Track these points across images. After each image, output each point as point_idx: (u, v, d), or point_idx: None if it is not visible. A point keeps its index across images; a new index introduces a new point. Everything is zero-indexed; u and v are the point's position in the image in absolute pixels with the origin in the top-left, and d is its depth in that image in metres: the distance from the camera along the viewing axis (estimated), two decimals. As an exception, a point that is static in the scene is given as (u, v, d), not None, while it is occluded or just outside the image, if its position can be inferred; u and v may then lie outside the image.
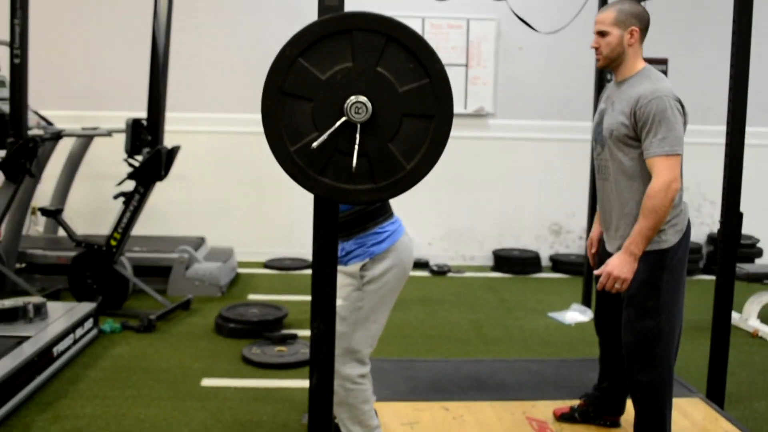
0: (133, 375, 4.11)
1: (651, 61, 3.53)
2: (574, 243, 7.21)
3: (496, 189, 7.08)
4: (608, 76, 4.92)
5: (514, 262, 6.87)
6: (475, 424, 3.36)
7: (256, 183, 6.91)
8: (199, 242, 6.30)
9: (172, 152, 5.14)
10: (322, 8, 2.06)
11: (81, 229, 6.29)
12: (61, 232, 6.18)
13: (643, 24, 2.88)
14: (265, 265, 6.82)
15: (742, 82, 3.49)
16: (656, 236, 2.80)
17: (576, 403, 3.42)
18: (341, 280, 2.80)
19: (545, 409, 3.52)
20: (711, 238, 6.99)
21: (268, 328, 4.78)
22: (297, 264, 6.80)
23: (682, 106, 2.77)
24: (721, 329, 3.61)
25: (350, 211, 2.72)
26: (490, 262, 7.10)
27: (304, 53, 1.79)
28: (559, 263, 6.96)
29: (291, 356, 4.37)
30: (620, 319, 3.03)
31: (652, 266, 2.81)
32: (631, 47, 2.87)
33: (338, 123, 1.78)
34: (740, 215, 3.56)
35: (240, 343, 4.62)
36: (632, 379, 2.91)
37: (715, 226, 6.96)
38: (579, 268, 6.72)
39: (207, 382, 4.04)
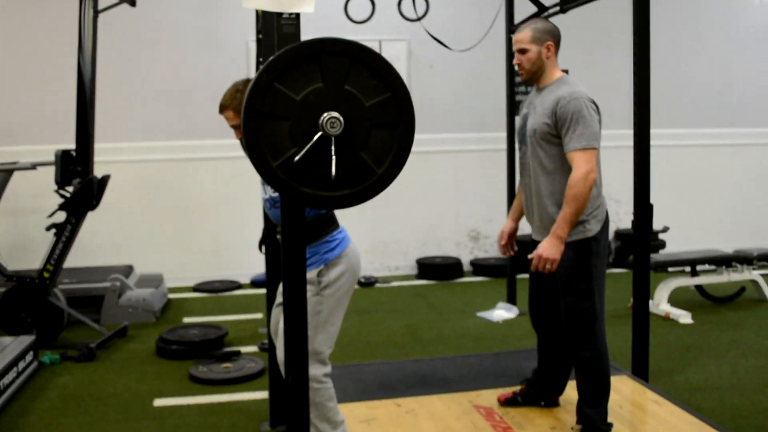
0: (82, 402, 4.14)
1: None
2: (492, 247, 7.57)
3: (416, 201, 7.36)
4: (524, 88, 5.31)
5: (438, 269, 7.17)
6: (427, 416, 3.58)
7: (181, 209, 6.98)
8: (127, 270, 6.31)
9: (103, 181, 5.18)
10: (282, 35, 2.27)
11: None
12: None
13: (556, 39, 3.22)
14: (194, 289, 6.87)
15: (644, 89, 3.88)
16: (581, 227, 3.11)
17: (518, 388, 3.70)
18: (298, 288, 2.98)
19: (489, 396, 3.78)
20: (618, 234, 7.47)
21: (210, 347, 4.88)
22: (226, 286, 6.88)
23: (597, 107, 3.11)
24: (641, 311, 3.97)
25: None
26: (414, 270, 7.38)
27: (279, 78, 1.98)
28: (479, 267, 7.31)
29: (238, 371, 4.48)
30: (551, 309, 3.37)
31: (582, 253, 3.12)
32: (548, 60, 3.20)
33: (315, 137, 1.98)
34: (650, 207, 3.94)
35: (184, 364, 4.70)
36: (575, 355, 3.21)
37: (621, 224, 7.45)
38: (499, 271, 7.11)
39: (159, 402, 4.11)
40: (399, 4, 5.60)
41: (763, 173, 8.08)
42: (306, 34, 2.71)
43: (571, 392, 3.53)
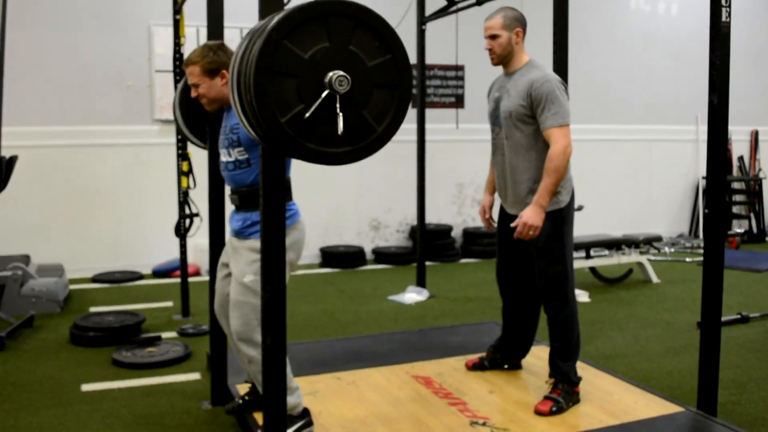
0: (3, 390, 3.95)
1: (449, 68, 3.95)
2: (392, 236, 7.76)
3: (318, 191, 7.42)
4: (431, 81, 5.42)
5: (342, 257, 7.28)
6: (369, 387, 3.69)
7: (77, 197, 6.74)
8: (25, 260, 6.03)
9: (11, 162, 4.93)
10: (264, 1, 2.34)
11: None
12: None
13: (524, 25, 3.44)
14: (94, 280, 6.64)
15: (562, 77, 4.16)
16: (555, 198, 3.33)
17: (483, 354, 3.93)
18: (250, 256, 3.01)
19: (424, 367, 3.94)
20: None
21: (129, 333, 4.77)
22: (127, 276, 6.69)
23: (565, 87, 3.35)
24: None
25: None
26: (317, 259, 7.45)
27: (287, 36, 2.04)
28: (381, 255, 7.48)
29: (163, 355, 4.41)
30: (519, 275, 3.62)
31: (555, 222, 3.34)
32: (517, 45, 3.41)
33: (324, 94, 2.05)
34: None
35: (102, 350, 4.58)
36: (550, 315, 3.44)
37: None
38: (400, 258, 7.35)
39: (87, 387, 3.99)
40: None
41: (639, 167, 8.73)
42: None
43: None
